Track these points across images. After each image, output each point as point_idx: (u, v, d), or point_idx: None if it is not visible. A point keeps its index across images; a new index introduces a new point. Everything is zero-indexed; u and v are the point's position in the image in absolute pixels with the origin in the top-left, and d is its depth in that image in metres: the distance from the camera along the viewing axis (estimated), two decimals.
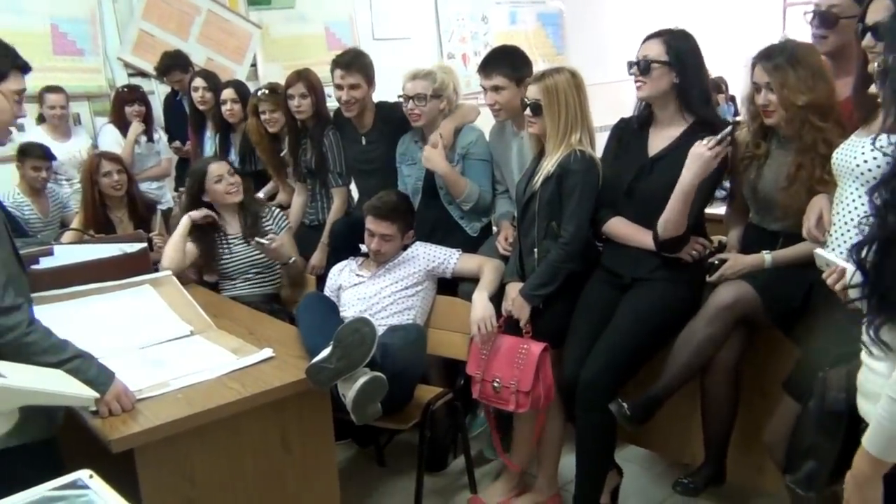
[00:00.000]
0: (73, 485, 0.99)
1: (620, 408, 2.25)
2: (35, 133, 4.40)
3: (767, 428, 2.14)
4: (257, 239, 3.03)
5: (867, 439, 1.32)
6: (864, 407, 1.42)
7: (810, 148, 2.14)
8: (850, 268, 1.54)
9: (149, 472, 1.86)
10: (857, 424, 1.50)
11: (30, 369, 0.99)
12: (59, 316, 2.30)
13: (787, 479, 1.77)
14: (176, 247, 3.06)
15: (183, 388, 2.01)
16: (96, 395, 0.94)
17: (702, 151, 2.15)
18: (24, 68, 1.84)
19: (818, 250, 1.74)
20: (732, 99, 6.36)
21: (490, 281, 2.72)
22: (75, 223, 3.70)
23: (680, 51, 2.33)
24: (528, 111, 2.52)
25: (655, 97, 2.39)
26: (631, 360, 2.35)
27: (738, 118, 5.33)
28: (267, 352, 2.20)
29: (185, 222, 3.10)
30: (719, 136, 2.14)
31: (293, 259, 3.16)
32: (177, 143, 4.68)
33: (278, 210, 3.40)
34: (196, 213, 3.10)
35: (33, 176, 4.00)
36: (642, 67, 2.35)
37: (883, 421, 1.28)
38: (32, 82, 4.42)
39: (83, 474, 1.00)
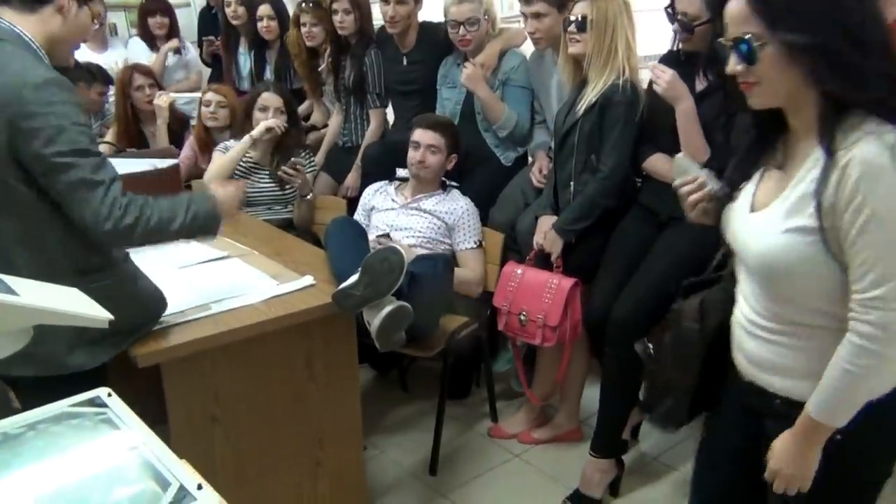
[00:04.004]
0: (91, 402, 0.99)
1: (646, 348, 2.21)
2: None
3: None
4: (284, 168, 3.00)
5: (814, 406, 1.24)
6: (777, 383, 1.34)
7: None
8: (710, 181, 1.45)
9: (174, 388, 1.89)
10: (714, 356, 1.46)
11: (44, 287, 0.97)
12: None
13: (646, 417, 1.70)
14: (227, 168, 3.06)
15: (224, 313, 1.99)
16: (109, 316, 0.93)
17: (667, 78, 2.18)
18: None
19: (679, 155, 1.54)
20: None
21: (464, 273, 2.71)
22: (110, 135, 3.71)
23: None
24: (572, 27, 2.41)
25: (699, 48, 2.27)
26: (664, 300, 2.29)
27: None
28: (308, 279, 2.17)
29: (245, 142, 3.06)
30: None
31: (311, 195, 3.12)
32: (210, 37, 4.56)
33: (311, 158, 3.34)
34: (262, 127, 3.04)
35: (96, 100, 3.95)
36: (685, 26, 2.23)
37: (836, 391, 1.22)
38: None
39: (102, 392, 1.00)
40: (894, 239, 1.13)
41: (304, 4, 3.62)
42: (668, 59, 2.43)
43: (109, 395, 1.00)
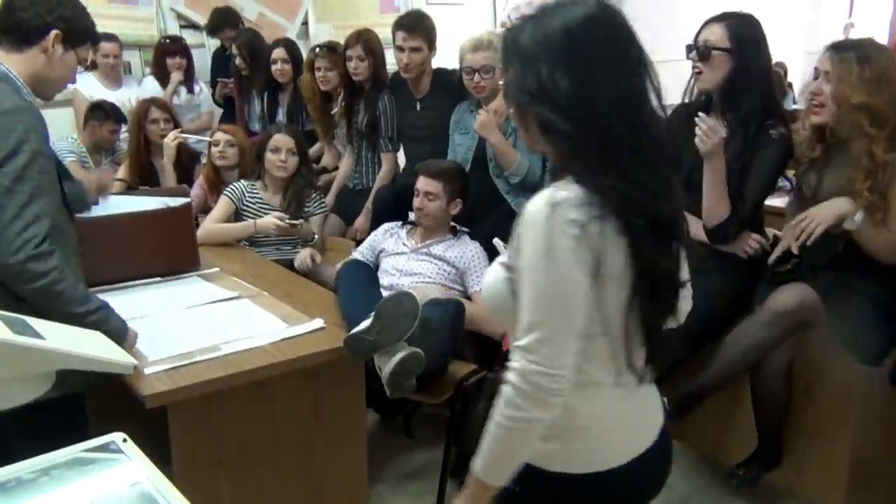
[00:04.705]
0: (105, 447, 0.96)
1: (661, 402, 2.19)
2: (86, 80, 4.41)
3: None
4: (288, 221, 3.01)
5: (477, 460, 1.20)
6: None
7: (858, 158, 2.04)
8: None
9: (180, 429, 1.87)
10: None
11: (68, 331, 0.96)
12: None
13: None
14: (224, 238, 3.07)
15: (232, 354, 1.97)
16: (135, 361, 0.91)
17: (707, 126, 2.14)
18: (95, 41, 1.91)
19: (495, 240, 1.57)
20: (790, 86, 6.15)
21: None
22: (122, 170, 3.72)
23: (743, 37, 2.23)
24: None
25: (714, 87, 2.29)
26: (696, 341, 2.27)
27: (795, 106, 5.19)
28: (318, 322, 2.15)
29: (248, 227, 3.07)
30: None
31: (315, 239, 3.11)
32: (224, 79, 4.59)
33: (321, 197, 3.35)
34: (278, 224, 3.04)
35: (107, 138, 4.01)
36: (702, 52, 2.25)
37: (489, 444, 1.18)
38: None
39: (117, 437, 0.98)
40: (537, 289, 1.12)
41: (318, 49, 3.67)
42: (681, 111, 2.45)
43: (125, 440, 0.98)
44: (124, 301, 2.31)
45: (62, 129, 4.20)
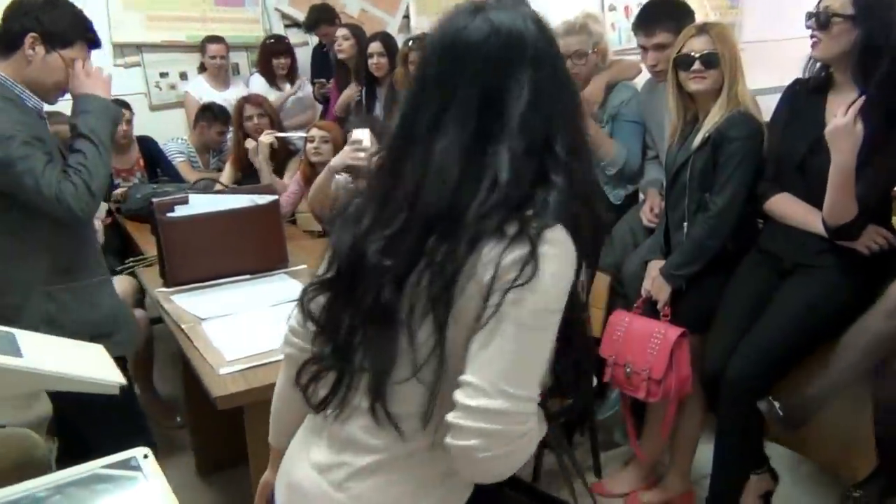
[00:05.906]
0: (126, 464, 0.93)
1: (772, 407, 2.00)
2: (196, 82, 4.57)
3: None
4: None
5: None
6: None
7: None
8: None
9: (256, 430, 1.84)
10: None
11: (55, 346, 0.92)
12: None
13: None
14: (318, 194, 3.05)
15: None
16: (121, 381, 0.87)
17: (839, 124, 1.84)
18: (93, 43, 1.91)
19: None
20: None
21: None
22: (226, 171, 3.83)
23: (869, 4, 1.97)
24: (697, 65, 2.21)
25: (832, 58, 2.04)
26: (787, 356, 2.07)
27: None
28: None
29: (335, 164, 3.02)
30: (856, 103, 1.83)
31: None
32: (322, 80, 4.64)
33: None
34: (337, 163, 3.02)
35: (215, 139, 4.18)
36: (821, 20, 2.00)
37: None
38: (195, 32, 4.63)
39: (138, 453, 0.94)
40: None
41: (411, 42, 3.62)
42: (796, 89, 2.21)
43: (146, 456, 0.93)
44: (212, 299, 2.35)
45: (175, 131, 4.39)
